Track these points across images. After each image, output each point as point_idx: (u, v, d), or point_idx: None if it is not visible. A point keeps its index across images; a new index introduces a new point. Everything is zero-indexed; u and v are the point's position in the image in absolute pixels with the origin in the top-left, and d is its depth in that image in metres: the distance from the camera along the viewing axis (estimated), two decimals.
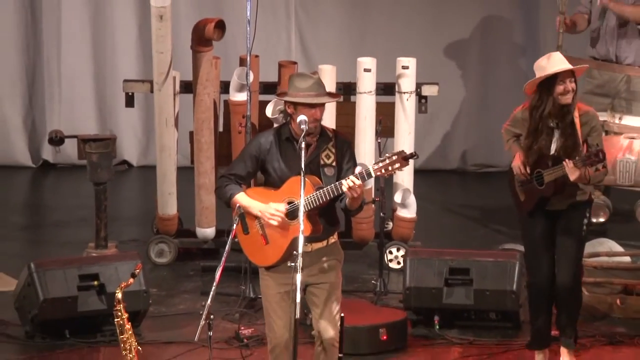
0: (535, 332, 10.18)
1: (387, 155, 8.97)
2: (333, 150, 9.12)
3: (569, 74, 9.70)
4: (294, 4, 14.48)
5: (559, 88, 9.68)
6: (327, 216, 9.04)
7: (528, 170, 9.85)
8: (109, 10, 14.61)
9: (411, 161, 9.32)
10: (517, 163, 9.89)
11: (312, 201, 8.85)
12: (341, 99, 9.10)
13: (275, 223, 8.87)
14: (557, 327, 10.16)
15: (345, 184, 8.79)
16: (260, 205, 9.01)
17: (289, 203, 8.93)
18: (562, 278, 9.96)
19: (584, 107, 9.92)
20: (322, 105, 8.95)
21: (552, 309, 10.10)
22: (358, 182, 8.76)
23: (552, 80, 9.71)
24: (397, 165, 8.87)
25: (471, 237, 12.64)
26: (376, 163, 8.93)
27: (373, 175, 8.89)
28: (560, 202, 9.91)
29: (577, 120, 9.76)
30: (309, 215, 8.87)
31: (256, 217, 9.06)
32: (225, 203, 9.14)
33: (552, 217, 9.94)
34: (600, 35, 12.55)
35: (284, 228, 9.02)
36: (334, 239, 9.13)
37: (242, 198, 9.07)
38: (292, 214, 8.89)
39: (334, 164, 9.09)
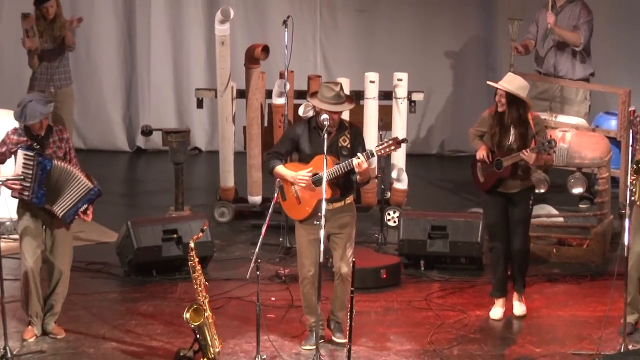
0: (496, 283, 10.12)
1: (385, 140, 9.26)
2: (348, 137, 9.25)
3: (503, 89, 9.65)
4: (318, 34, 14.24)
5: (497, 97, 9.76)
6: (344, 184, 9.22)
7: (491, 158, 9.81)
8: (186, 35, 14.42)
9: (403, 145, 9.53)
10: (482, 152, 9.82)
11: (331, 173, 9.04)
12: (353, 105, 9.20)
13: (303, 185, 9.09)
14: (512, 278, 10.11)
15: (355, 161, 9.01)
16: (292, 172, 9.21)
17: (313, 175, 9.12)
18: (516, 244, 9.99)
19: (535, 114, 9.93)
20: (337, 113, 9.17)
21: (508, 266, 10.08)
22: (363, 159, 8.98)
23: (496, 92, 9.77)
24: (393, 147, 9.16)
25: (447, 203, 12.57)
26: (377, 146, 9.20)
27: (375, 155, 9.17)
28: (512, 186, 9.85)
29: (531, 123, 9.74)
30: (330, 183, 9.05)
31: (291, 184, 9.26)
32: (269, 172, 9.37)
33: (507, 198, 9.90)
34: (543, 54, 12.39)
35: (312, 192, 9.19)
36: (349, 200, 9.33)
37: (281, 169, 9.27)
38: (318, 182, 9.06)
39: (348, 146, 9.23)
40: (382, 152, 9.19)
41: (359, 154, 9.07)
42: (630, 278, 9.42)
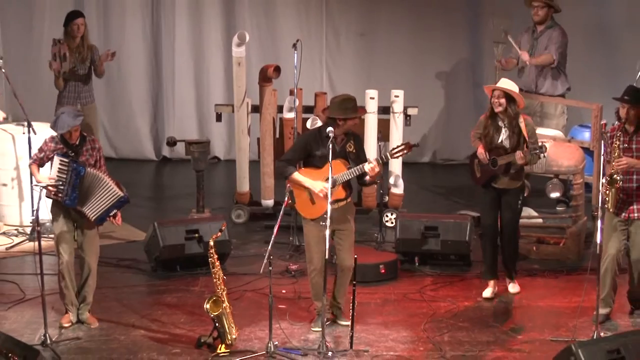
0: (487, 266, 10.24)
1: (398, 145, 9.32)
2: (353, 143, 9.32)
3: (502, 92, 9.75)
4: (324, 55, 14.22)
5: (493, 100, 9.80)
6: (347, 185, 9.31)
7: (487, 156, 9.87)
8: (206, 57, 14.23)
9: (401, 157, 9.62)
10: (481, 151, 9.89)
11: (346, 176, 9.16)
12: (365, 113, 9.28)
13: (321, 195, 9.11)
14: (502, 265, 10.23)
15: (368, 166, 9.11)
16: (310, 181, 9.21)
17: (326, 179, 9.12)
18: (506, 237, 10.11)
19: (528, 118, 10.02)
20: (356, 118, 9.29)
21: (497, 252, 10.18)
22: (375, 164, 9.10)
23: (492, 93, 9.84)
24: (406, 151, 9.26)
25: (439, 206, 12.51)
26: (393, 149, 9.27)
27: (390, 159, 9.30)
28: (506, 183, 9.95)
29: (523, 125, 9.80)
30: (342, 185, 9.20)
31: (306, 188, 9.27)
32: (284, 178, 9.35)
33: (499, 193, 9.99)
34: (525, 73, 12.31)
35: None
36: (350, 199, 9.41)
37: (297, 176, 9.27)
38: (333, 187, 9.12)
39: (354, 151, 9.30)
40: (396, 155, 9.27)
41: (370, 159, 9.19)
42: (604, 277, 9.45)
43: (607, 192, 9.28)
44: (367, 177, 9.21)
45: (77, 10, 12.40)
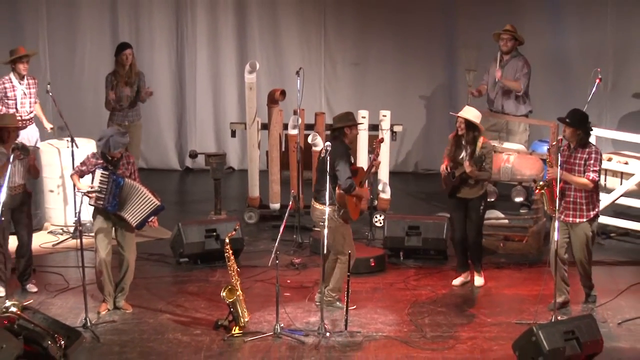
0: (458, 263, 10.31)
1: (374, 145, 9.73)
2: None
3: (464, 119, 9.80)
4: (323, 81, 14.06)
5: (457, 125, 9.87)
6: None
7: (448, 169, 9.90)
8: (223, 82, 14.01)
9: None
10: (442, 166, 9.97)
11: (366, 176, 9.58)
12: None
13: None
14: (471, 262, 10.27)
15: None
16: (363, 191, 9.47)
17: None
18: (470, 238, 10.12)
19: (487, 141, 9.98)
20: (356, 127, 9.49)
21: (466, 250, 10.18)
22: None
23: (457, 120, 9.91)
24: (378, 145, 9.68)
25: (421, 209, 12.44)
26: (372, 153, 9.85)
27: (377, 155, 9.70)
28: (468, 193, 9.97)
29: (479, 145, 9.82)
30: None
31: (357, 195, 9.35)
32: (351, 192, 9.24)
33: (464, 202, 10.01)
34: (493, 97, 12.26)
35: (361, 200, 9.48)
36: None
37: (356, 188, 9.32)
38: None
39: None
40: (376, 150, 9.63)
41: (371, 157, 9.69)
42: (553, 270, 9.46)
43: (541, 196, 9.41)
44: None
45: (126, 43, 12.41)
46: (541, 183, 9.47)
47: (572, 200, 9.39)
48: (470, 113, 9.89)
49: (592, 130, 9.51)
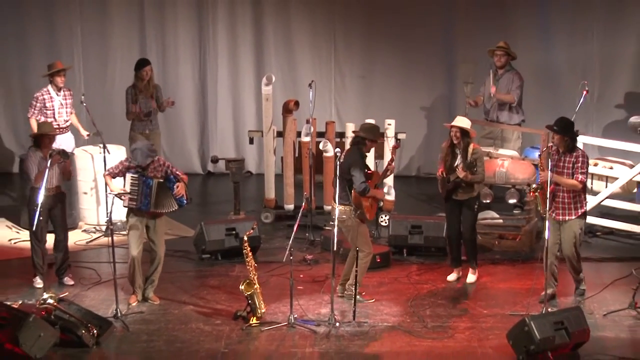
0: (451, 259, 10.25)
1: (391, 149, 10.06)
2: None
3: (458, 128, 9.82)
4: (333, 92, 14.00)
5: (452, 134, 9.88)
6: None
7: (444, 175, 9.91)
8: (241, 94, 13.89)
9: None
10: (438, 172, 10.00)
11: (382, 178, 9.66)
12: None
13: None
14: (467, 258, 10.20)
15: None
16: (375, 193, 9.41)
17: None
18: (466, 236, 10.09)
19: (477, 147, 9.99)
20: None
21: (459, 248, 10.14)
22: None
23: (451, 129, 9.89)
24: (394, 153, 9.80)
25: (422, 210, 12.42)
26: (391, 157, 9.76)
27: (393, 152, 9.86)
28: (462, 195, 9.95)
29: (470, 151, 9.84)
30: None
31: (373, 197, 9.39)
32: (365, 194, 9.27)
33: (459, 203, 9.98)
34: (489, 107, 12.17)
35: (375, 201, 9.50)
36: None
37: (372, 190, 9.33)
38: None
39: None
40: (392, 156, 9.73)
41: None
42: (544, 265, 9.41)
43: (534, 198, 9.41)
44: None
45: (146, 59, 12.45)
46: (534, 186, 9.49)
47: (562, 200, 9.40)
48: (464, 122, 9.89)
49: (578, 135, 9.53)
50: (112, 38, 14.14)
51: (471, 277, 10.25)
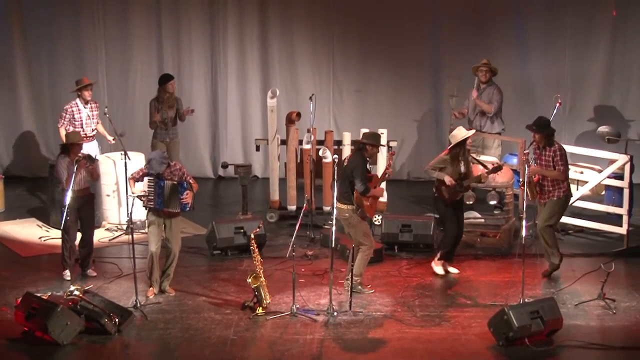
0: (447, 254, 10.17)
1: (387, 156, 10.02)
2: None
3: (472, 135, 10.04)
4: (331, 105, 13.83)
5: (468, 142, 10.00)
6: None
7: (455, 182, 9.85)
8: (249, 105, 13.81)
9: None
10: (450, 180, 9.81)
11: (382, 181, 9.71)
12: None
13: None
14: (449, 252, 10.14)
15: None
16: (377, 191, 9.41)
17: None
18: (460, 232, 10.14)
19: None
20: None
21: (456, 244, 10.17)
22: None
23: (461, 140, 9.85)
24: (391, 159, 9.81)
25: (412, 210, 12.29)
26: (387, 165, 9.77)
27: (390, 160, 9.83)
28: (460, 198, 10.08)
29: (470, 158, 10.05)
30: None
31: (374, 197, 9.37)
32: (366, 194, 9.26)
33: (456, 204, 10.02)
34: (472, 118, 12.15)
35: (375, 200, 9.45)
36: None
37: (371, 190, 9.34)
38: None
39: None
40: (389, 161, 9.78)
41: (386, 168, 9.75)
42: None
43: (523, 188, 9.63)
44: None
45: (170, 75, 12.42)
46: (522, 180, 9.68)
47: (545, 188, 9.79)
48: (464, 132, 9.94)
49: (555, 131, 9.79)
50: (133, 57, 14.12)
51: (454, 269, 10.27)
